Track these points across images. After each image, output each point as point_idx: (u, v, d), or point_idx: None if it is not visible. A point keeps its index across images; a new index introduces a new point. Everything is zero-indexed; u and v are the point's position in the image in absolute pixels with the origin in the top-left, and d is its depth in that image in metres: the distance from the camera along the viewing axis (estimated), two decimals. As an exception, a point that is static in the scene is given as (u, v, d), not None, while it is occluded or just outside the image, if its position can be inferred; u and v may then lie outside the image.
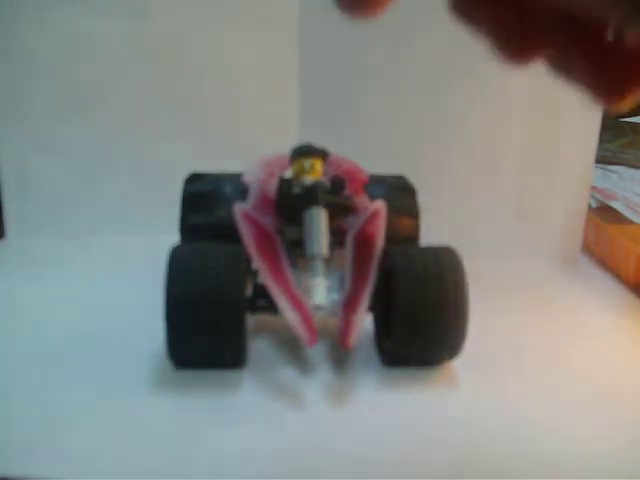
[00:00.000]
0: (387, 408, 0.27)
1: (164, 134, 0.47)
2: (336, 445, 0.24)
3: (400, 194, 0.34)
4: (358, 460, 0.23)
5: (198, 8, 0.45)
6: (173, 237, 0.32)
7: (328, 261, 0.28)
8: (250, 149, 0.36)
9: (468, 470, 0.23)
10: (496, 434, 0.25)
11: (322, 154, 0.30)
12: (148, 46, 0.45)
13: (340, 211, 0.29)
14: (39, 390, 0.27)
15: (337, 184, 0.29)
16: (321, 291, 0.26)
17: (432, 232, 0.34)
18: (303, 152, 0.30)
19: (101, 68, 0.45)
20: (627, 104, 0.13)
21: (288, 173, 0.32)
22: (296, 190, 0.28)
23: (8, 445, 0.23)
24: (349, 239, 0.30)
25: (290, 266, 0.29)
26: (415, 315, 0.28)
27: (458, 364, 0.29)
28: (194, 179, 0.35)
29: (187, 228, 0.34)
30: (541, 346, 0.32)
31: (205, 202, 0.34)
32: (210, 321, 0.26)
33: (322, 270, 0.27)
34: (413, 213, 0.34)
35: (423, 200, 0.35)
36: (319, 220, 0.28)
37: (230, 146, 0.45)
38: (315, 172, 0.29)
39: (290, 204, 0.28)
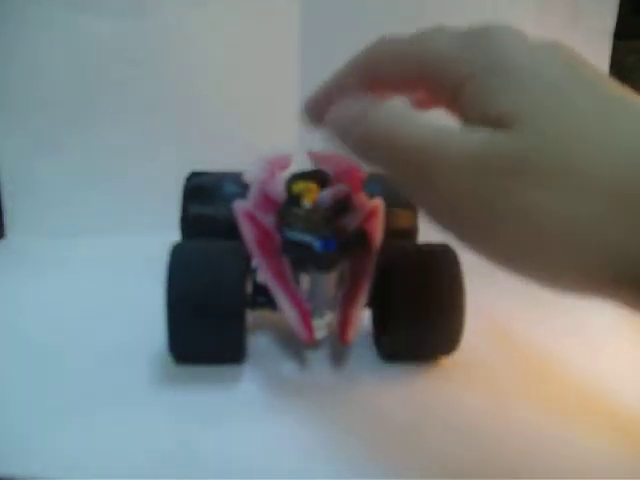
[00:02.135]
0: (385, 404, 0.27)
1: (164, 134, 0.47)
2: (335, 442, 0.24)
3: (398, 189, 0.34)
4: (357, 457, 0.23)
5: (198, 7, 0.45)
6: (173, 236, 0.33)
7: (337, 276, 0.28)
8: (250, 149, 0.36)
9: (466, 467, 0.23)
10: (493, 431, 0.25)
11: (318, 177, 0.30)
12: (147, 46, 0.45)
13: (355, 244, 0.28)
14: (38, 389, 0.27)
15: (341, 205, 0.29)
16: (319, 329, 0.27)
17: (430, 230, 0.34)
18: (299, 176, 0.29)
19: (100, 68, 0.45)
20: None
21: (288, 174, 0.32)
22: (299, 226, 0.27)
23: (7, 445, 0.23)
24: None
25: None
26: (412, 311, 0.28)
27: (455, 359, 0.29)
28: (194, 177, 0.36)
29: (187, 220, 0.34)
30: (539, 344, 0.32)
31: (205, 194, 0.34)
32: (210, 317, 0.27)
33: (322, 312, 0.28)
34: (411, 206, 0.34)
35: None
36: (326, 285, 0.28)
37: (230, 146, 0.45)
38: (311, 195, 0.29)
39: (295, 251, 0.27)
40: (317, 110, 0.23)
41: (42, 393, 0.27)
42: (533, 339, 0.33)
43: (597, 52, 0.54)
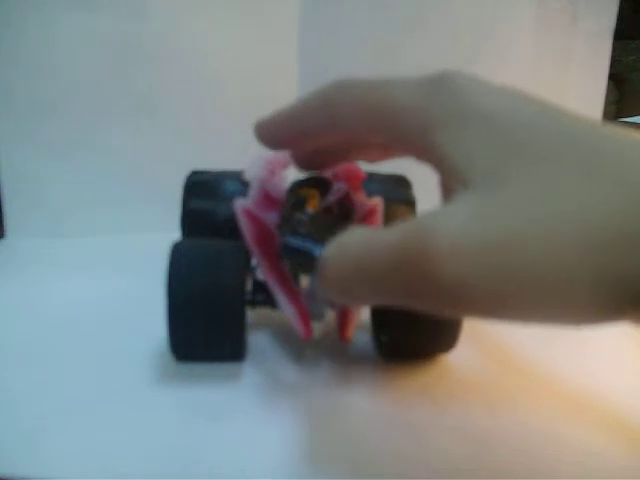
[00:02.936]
0: (385, 402, 0.27)
1: (164, 134, 0.47)
2: (335, 441, 0.24)
3: (396, 186, 0.35)
4: (357, 456, 0.23)
5: (199, 7, 0.46)
6: (173, 236, 0.33)
7: None
8: (251, 148, 0.36)
9: (466, 466, 0.23)
10: (494, 430, 0.25)
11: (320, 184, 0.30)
12: (146, 44, 0.45)
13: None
14: (38, 389, 0.27)
15: (342, 210, 0.29)
16: (317, 329, 0.28)
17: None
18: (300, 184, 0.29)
19: (100, 67, 0.45)
20: None
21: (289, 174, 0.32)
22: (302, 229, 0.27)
23: (7, 445, 0.23)
24: None
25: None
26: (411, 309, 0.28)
27: (454, 357, 0.29)
28: (195, 175, 0.36)
29: (187, 217, 0.34)
30: (538, 341, 0.32)
31: (206, 192, 0.34)
32: (211, 315, 0.27)
33: (321, 312, 0.28)
34: (409, 202, 0.34)
35: (422, 203, 0.35)
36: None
37: (231, 145, 0.45)
38: (313, 202, 0.29)
39: (294, 257, 0.27)
40: (270, 137, 0.23)
41: (42, 393, 0.26)
42: (533, 336, 0.33)
43: (597, 52, 0.54)
